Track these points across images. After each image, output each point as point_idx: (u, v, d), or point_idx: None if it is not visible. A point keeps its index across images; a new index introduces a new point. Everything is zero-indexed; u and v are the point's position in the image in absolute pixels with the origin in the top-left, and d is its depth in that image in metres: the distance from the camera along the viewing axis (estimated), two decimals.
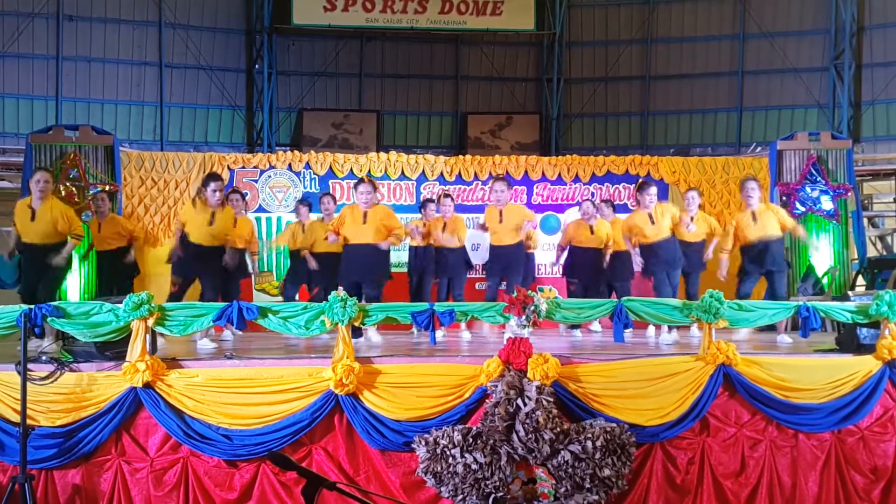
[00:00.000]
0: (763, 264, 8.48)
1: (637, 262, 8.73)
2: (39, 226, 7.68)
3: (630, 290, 9.37)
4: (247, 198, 10.32)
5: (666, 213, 8.66)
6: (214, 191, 7.98)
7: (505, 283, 8.77)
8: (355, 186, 8.53)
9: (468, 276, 10.04)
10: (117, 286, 9.05)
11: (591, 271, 9.58)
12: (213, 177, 8.26)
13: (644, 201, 8.64)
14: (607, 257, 9.51)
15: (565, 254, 10.07)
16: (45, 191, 7.75)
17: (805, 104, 17.26)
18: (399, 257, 10.34)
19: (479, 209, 10.16)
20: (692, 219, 8.96)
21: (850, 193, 11.25)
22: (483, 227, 9.14)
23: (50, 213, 7.71)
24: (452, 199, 9.91)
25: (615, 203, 11.00)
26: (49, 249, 7.69)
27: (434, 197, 10.60)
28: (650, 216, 8.58)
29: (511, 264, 8.79)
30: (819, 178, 11.14)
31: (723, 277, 8.58)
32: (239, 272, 8.98)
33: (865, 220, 14.16)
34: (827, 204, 11.11)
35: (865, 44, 16.89)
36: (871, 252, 14.49)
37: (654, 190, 8.79)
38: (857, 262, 11.81)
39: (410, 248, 9.87)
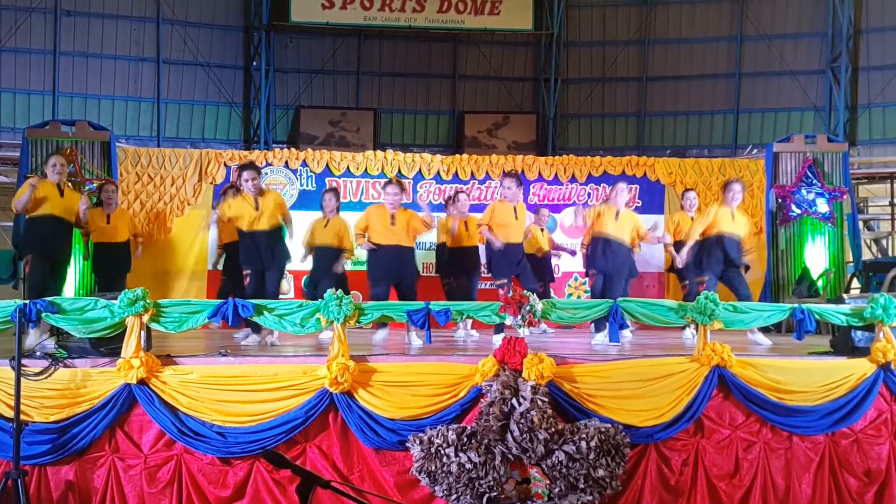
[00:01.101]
0: (721, 260, 8.37)
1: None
2: (67, 202, 8.06)
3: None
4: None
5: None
6: (247, 180, 7.92)
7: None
8: (384, 187, 8.50)
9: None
10: (114, 281, 9.02)
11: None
12: (245, 167, 8.20)
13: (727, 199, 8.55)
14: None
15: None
16: (62, 174, 8.13)
17: (802, 107, 17.29)
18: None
19: (478, 208, 10.10)
20: (692, 220, 8.98)
21: (845, 196, 11.30)
22: (489, 229, 8.52)
23: (74, 192, 8.35)
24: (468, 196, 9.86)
25: None
26: (70, 225, 8.16)
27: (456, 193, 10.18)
28: (732, 213, 8.50)
29: (523, 262, 8.60)
30: (815, 181, 11.17)
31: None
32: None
33: (861, 223, 14.19)
34: (822, 206, 11.15)
35: (862, 47, 16.92)
36: (866, 255, 14.52)
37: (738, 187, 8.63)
38: (852, 264, 11.84)
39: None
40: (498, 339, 7.79)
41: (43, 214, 7.91)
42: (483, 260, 9.47)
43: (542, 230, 10.45)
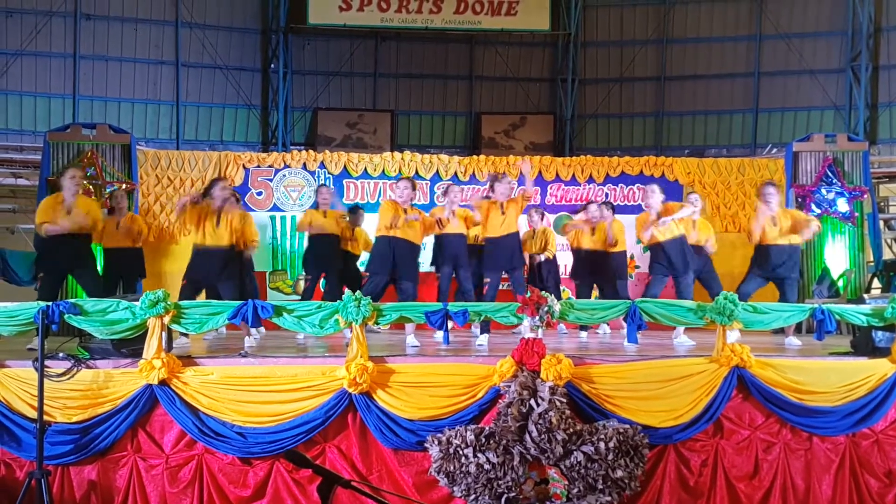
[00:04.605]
0: (777, 270, 8.35)
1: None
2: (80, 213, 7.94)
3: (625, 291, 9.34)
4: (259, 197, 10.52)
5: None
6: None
7: (509, 278, 8.62)
8: (397, 183, 8.53)
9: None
10: (127, 285, 9.08)
11: (592, 274, 9.49)
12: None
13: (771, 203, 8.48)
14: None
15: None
16: (78, 186, 8.04)
17: (821, 106, 17.14)
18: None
19: None
20: (694, 223, 8.89)
21: (865, 195, 11.21)
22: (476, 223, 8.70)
23: (88, 201, 8.26)
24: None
25: (627, 204, 11.09)
26: (84, 236, 8.03)
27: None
28: (773, 218, 8.42)
29: (511, 254, 8.47)
30: (835, 180, 11.09)
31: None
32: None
33: (881, 223, 14.08)
34: (843, 206, 11.07)
35: (883, 45, 16.77)
36: (887, 254, 14.38)
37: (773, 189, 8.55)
38: (872, 264, 11.75)
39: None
40: (484, 340, 7.79)
41: (51, 225, 7.83)
42: None
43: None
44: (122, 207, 9.50)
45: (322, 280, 9.58)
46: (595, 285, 9.65)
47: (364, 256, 9.67)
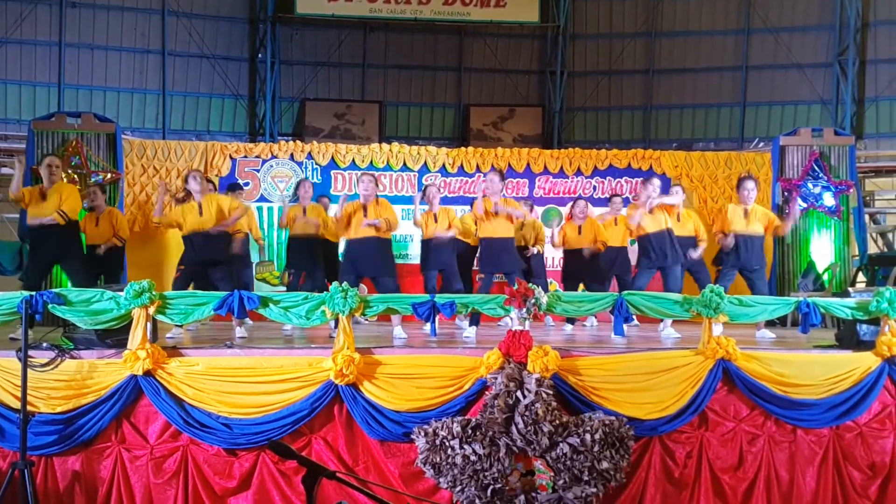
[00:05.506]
0: (740, 261, 8.32)
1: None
2: (50, 202, 7.81)
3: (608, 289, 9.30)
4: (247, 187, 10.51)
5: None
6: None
7: (501, 277, 8.59)
8: (361, 178, 8.47)
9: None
10: (107, 280, 8.99)
11: (585, 272, 9.48)
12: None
13: (742, 196, 8.44)
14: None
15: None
16: (54, 175, 7.91)
17: (808, 100, 17.23)
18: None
19: None
20: (678, 215, 8.84)
21: (851, 190, 11.26)
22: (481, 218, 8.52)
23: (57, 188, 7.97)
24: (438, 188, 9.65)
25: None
26: (55, 225, 7.85)
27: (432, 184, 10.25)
28: (745, 210, 8.37)
29: (508, 258, 8.39)
30: (821, 174, 11.13)
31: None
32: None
33: (867, 217, 14.15)
34: (829, 200, 11.12)
35: (870, 40, 16.86)
36: (872, 249, 14.48)
37: (751, 184, 8.47)
38: (857, 258, 11.82)
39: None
40: (471, 332, 7.76)
41: (30, 217, 7.90)
42: None
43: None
44: (100, 204, 9.32)
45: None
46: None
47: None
